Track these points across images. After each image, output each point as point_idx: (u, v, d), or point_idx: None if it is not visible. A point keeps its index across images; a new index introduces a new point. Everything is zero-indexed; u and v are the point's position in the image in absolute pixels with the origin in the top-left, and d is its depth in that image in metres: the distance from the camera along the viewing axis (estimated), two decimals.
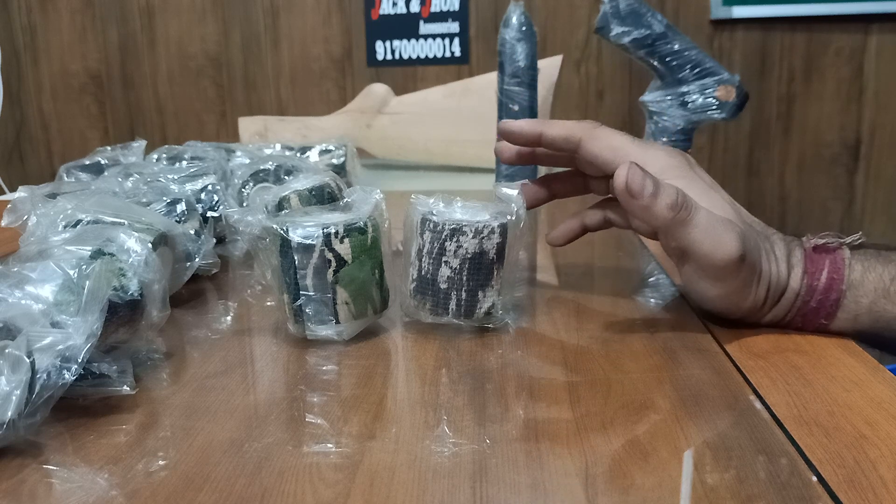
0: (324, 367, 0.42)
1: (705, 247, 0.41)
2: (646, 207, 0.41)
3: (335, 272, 0.44)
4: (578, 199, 0.57)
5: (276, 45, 2.04)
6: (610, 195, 0.52)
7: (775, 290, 0.44)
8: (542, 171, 1.06)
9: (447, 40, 1.97)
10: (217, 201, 0.63)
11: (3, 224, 0.54)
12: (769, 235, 0.46)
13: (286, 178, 0.68)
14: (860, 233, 0.46)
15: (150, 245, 0.43)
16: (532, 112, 0.95)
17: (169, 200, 0.56)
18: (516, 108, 0.94)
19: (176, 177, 0.64)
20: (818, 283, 0.44)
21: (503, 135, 0.51)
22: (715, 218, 0.42)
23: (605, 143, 0.46)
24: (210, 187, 0.64)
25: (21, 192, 0.54)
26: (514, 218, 0.45)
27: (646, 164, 0.44)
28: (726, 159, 1.89)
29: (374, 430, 0.35)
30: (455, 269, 0.45)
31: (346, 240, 0.44)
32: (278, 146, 0.94)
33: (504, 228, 0.45)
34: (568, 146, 0.48)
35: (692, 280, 0.45)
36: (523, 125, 0.50)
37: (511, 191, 0.46)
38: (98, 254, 0.39)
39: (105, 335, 0.37)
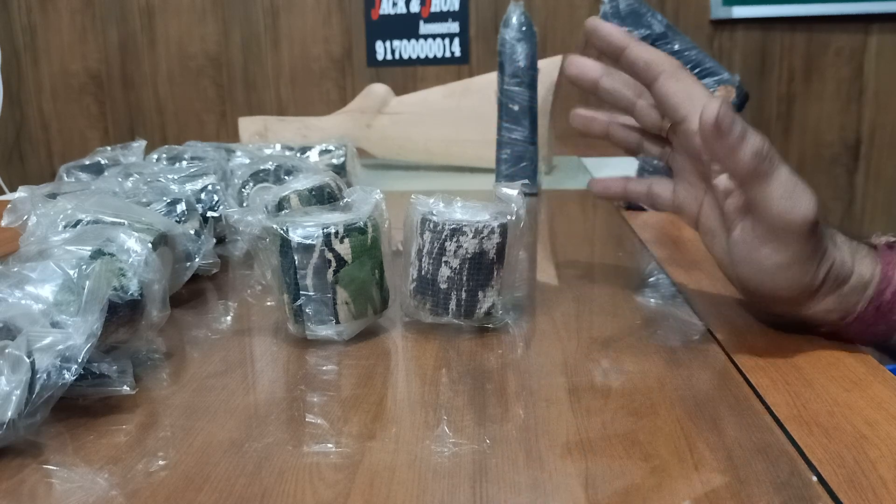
0: (324, 367, 0.42)
1: (782, 204, 0.39)
2: (732, 149, 0.38)
3: (335, 272, 0.44)
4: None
5: (276, 45, 2.04)
6: (661, 153, 0.49)
7: (838, 273, 0.42)
8: (543, 171, 1.06)
9: (447, 40, 1.97)
10: (217, 201, 0.63)
11: (3, 224, 0.54)
12: (837, 236, 0.44)
13: (286, 178, 0.68)
14: None
15: (150, 245, 0.43)
16: (532, 112, 0.95)
17: (169, 200, 0.56)
18: (516, 108, 0.94)
19: (176, 177, 0.64)
20: (894, 273, 0.41)
21: (589, 33, 0.46)
22: (796, 177, 0.40)
23: (683, 85, 0.43)
24: (210, 187, 0.64)
25: (21, 192, 0.54)
26: (514, 218, 0.45)
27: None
28: None
29: (374, 430, 0.35)
30: (455, 269, 0.45)
31: (346, 240, 0.44)
32: (278, 146, 0.94)
33: (504, 228, 0.45)
34: (646, 74, 0.44)
35: (753, 245, 0.41)
36: (612, 30, 0.45)
37: (511, 191, 0.46)
38: (98, 254, 0.39)
39: (105, 335, 0.37)
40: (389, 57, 1.99)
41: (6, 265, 0.37)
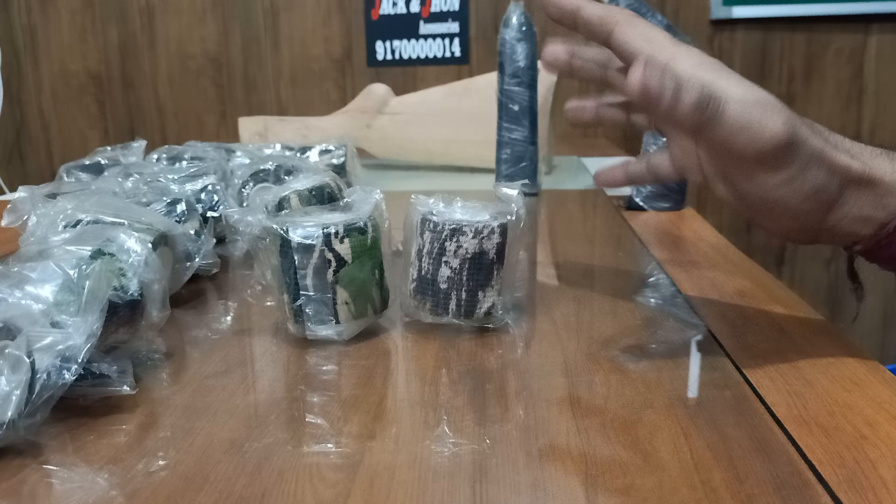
0: (324, 367, 0.42)
1: (743, 137, 0.37)
2: (669, 109, 0.37)
3: (335, 272, 0.44)
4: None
5: (276, 46, 2.04)
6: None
7: (851, 178, 0.39)
8: (542, 171, 1.06)
9: (447, 40, 1.97)
10: (217, 201, 0.63)
11: (3, 224, 0.54)
12: (833, 137, 0.40)
13: (286, 178, 0.68)
14: None
15: (150, 245, 0.43)
16: (532, 112, 0.95)
17: (169, 200, 0.56)
18: (516, 108, 0.94)
19: (176, 177, 0.64)
20: None
21: (543, 5, 0.45)
22: (749, 103, 0.37)
23: (639, 30, 0.42)
24: (210, 187, 0.64)
25: (21, 192, 0.54)
26: (514, 218, 0.45)
27: (677, 59, 0.40)
28: None
29: (374, 430, 0.35)
30: (455, 269, 0.45)
31: (346, 240, 0.44)
32: (278, 146, 0.94)
33: (504, 228, 0.45)
34: (602, 29, 0.43)
35: (745, 185, 0.40)
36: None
37: (511, 191, 0.46)
38: (98, 254, 0.39)
39: (105, 335, 0.37)
40: (389, 57, 1.99)
41: (6, 265, 0.37)
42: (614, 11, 0.43)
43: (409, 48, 1.98)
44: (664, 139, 0.45)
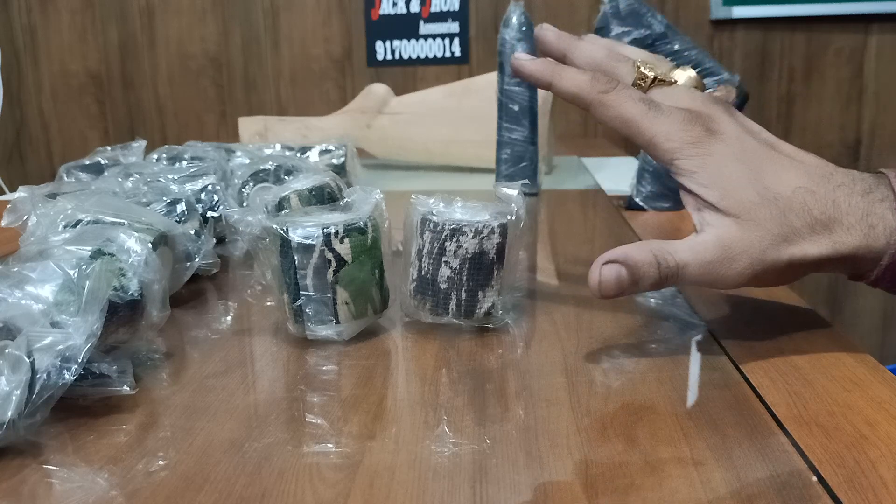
0: (324, 367, 0.42)
1: (704, 285, 0.40)
2: (631, 294, 0.40)
3: (335, 272, 0.44)
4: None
5: (276, 46, 2.04)
6: None
7: (823, 260, 0.39)
8: (542, 171, 1.06)
9: (447, 40, 1.97)
10: (217, 201, 0.63)
11: (3, 224, 0.54)
12: (835, 199, 0.39)
13: (286, 178, 0.68)
14: None
15: (150, 245, 0.43)
16: (532, 112, 0.95)
17: (169, 200, 0.56)
18: (516, 108, 0.94)
19: (176, 177, 0.64)
20: None
21: (515, 71, 0.45)
22: (706, 263, 0.39)
23: (615, 112, 0.42)
24: (210, 187, 0.64)
25: (21, 192, 0.54)
26: (514, 218, 0.45)
27: (656, 144, 0.41)
28: None
29: (374, 430, 0.35)
30: (455, 269, 0.45)
31: (346, 240, 0.44)
32: (278, 146, 0.94)
33: (504, 228, 0.45)
34: (579, 104, 0.43)
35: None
36: (534, 68, 0.43)
37: (511, 191, 0.46)
38: (98, 254, 0.39)
39: (105, 335, 0.37)
40: (389, 57, 1.99)
41: (6, 265, 0.37)
42: (585, 89, 0.42)
43: (409, 48, 1.98)
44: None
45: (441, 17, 1.96)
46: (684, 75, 0.47)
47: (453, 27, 1.96)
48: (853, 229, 0.39)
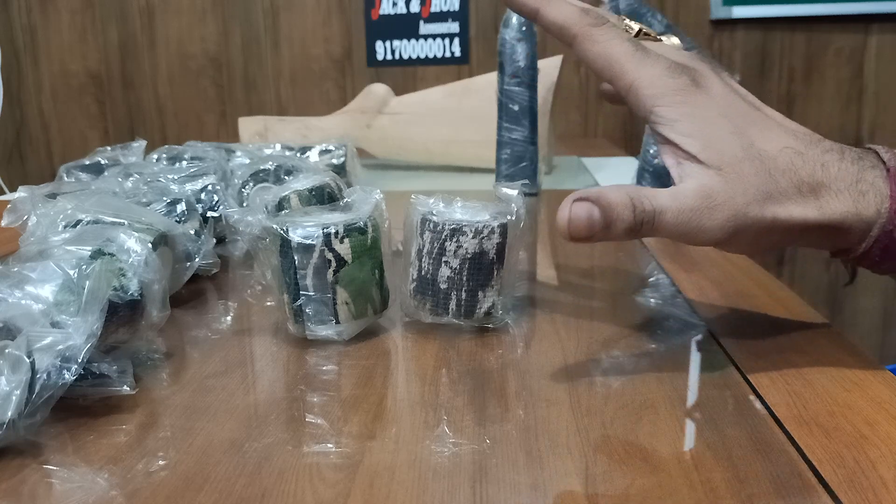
0: (324, 367, 0.42)
1: (682, 239, 0.37)
2: (602, 239, 0.36)
3: (335, 272, 0.44)
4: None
5: (276, 46, 2.04)
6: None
7: (808, 227, 0.37)
8: (542, 171, 1.06)
9: (447, 40, 1.97)
10: (217, 201, 0.63)
11: (3, 224, 0.54)
12: (824, 162, 0.37)
13: (286, 178, 0.68)
14: None
15: (150, 245, 0.43)
16: (532, 112, 0.95)
17: (169, 200, 0.56)
18: (516, 108, 0.94)
19: (176, 177, 0.64)
20: None
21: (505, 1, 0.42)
22: (684, 211, 0.36)
23: (600, 48, 0.39)
24: (210, 187, 0.64)
25: (21, 192, 0.54)
26: (514, 218, 0.45)
27: (639, 86, 0.38)
28: None
29: (374, 430, 0.35)
30: (455, 269, 0.45)
31: (346, 240, 0.44)
32: (278, 146, 0.94)
33: (504, 228, 0.45)
34: (562, 38, 0.40)
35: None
36: None
37: (511, 191, 0.46)
38: (98, 254, 0.39)
39: (105, 335, 0.37)
40: (389, 57, 1.99)
41: (6, 265, 0.37)
42: (574, 19, 0.40)
43: (409, 48, 1.98)
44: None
45: (441, 17, 1.96)
46: (669, 41, 0.46)
47: (453, 27, 1.96)
48: (842, 195, 0.37)
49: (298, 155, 0.90)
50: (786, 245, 0.40)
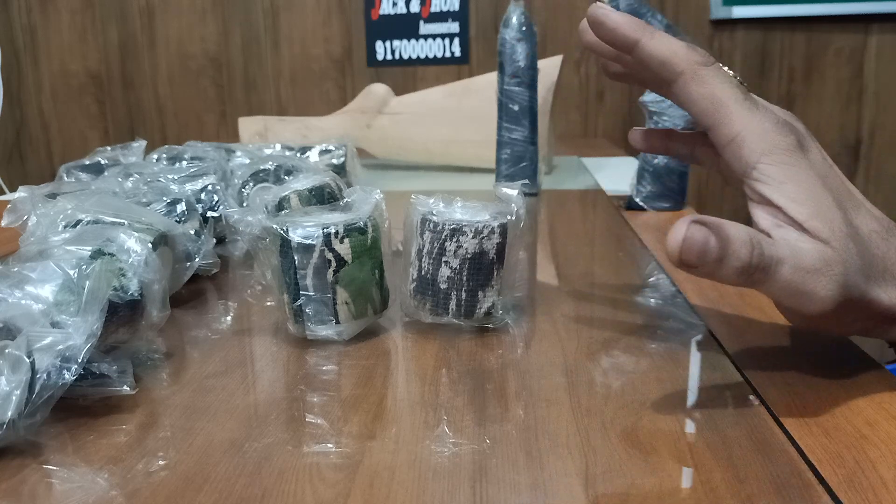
0: (324, 367, 0.42)
1: (788, 302, 0.34)
2: (710, 274, 0.32)
3: (335, 272, 0.44)
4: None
5: (276, 46, 2.04)
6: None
7: (889, 316, 0.37)
8: (542, 171, 1.06)
9: (447, 40, 1.97)
10: (217, 201, 0.63)
11: (3, 224, 0.54)
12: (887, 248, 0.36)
13: (286, 178, 0.68)
14: None
15: (150, 245, 0.43)
16: (532, 112, 0.95)
17: (169, 200, 0.56)
18: (516, 108, 0.94)
19: (176, 177, 0.64)
20: None
21: (594, 24, 0.38)
22: (802, 269, 0.33)
23: (708, 89, 0.36)
24: (210, 187, 0.64)
25: (21, 192, 0.54)
26: (514, 218, 0.45)
27: (745, 136, 0.36)
28: None
29: (374, 430, 0.35)
30: (455, 269, 0.45)
31: (346, 240, 0.44)
32: (278, 146, 0.94)
33: (504, 228, 0.45)
34: (663, 74, 0.37)
35: (787, 312, 0.39)
36: (621, 21, 0.37)
37: (511, 191, 0.46)
38: (98, 254, 0.39)
39: (105, 335, 0.37)
40: (389, 57, 1.99)
41: (6, 265, 0.37)
42: (681, 55, 0.37)
43: (409, 48, 1.98)
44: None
45: (441, 17, 1.96)
46: None
47: (453, 27, 1.96)
48: None
49: (298, 155, 0.90)
50: (864, 333, 0.39)
